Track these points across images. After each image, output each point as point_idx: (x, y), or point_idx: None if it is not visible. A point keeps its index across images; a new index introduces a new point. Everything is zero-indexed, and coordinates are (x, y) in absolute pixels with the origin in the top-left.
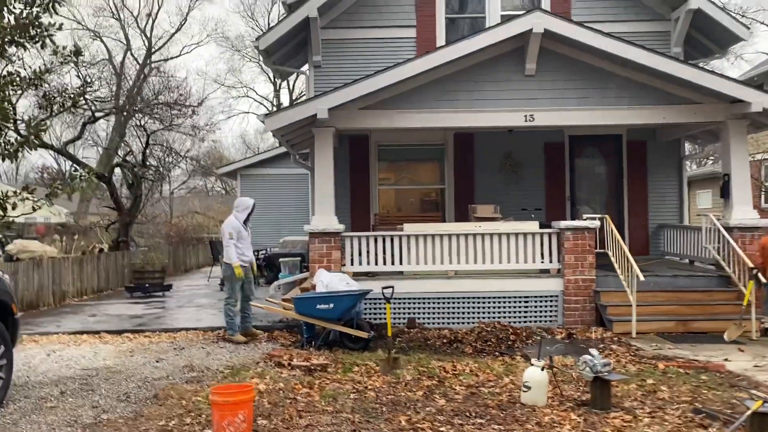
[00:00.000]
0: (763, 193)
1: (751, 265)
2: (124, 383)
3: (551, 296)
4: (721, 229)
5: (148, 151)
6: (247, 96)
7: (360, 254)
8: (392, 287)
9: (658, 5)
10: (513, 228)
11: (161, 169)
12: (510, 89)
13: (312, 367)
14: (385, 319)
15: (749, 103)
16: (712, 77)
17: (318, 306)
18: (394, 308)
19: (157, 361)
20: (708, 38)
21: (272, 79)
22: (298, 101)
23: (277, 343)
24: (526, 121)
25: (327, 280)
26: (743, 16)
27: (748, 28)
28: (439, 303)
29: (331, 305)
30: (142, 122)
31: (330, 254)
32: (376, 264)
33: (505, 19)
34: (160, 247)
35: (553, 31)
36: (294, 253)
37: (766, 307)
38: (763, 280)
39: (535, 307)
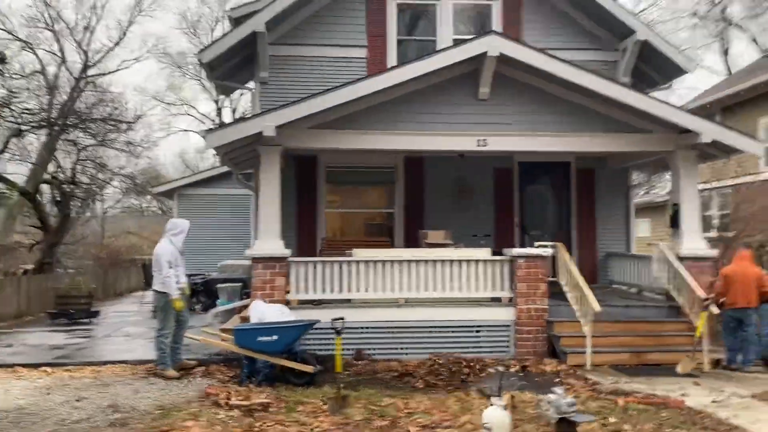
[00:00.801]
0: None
1: (703, 296)
2: (38, 427)
3: (503, 326)
4: (673, 259)
5: (78, 167)
6: (188, 114)
7: (306, 281)
8: (343, 318)
9: (607, 35)
10: (465, 255)
11: (93, 186)
12: (463, 113)
13: (252, 407)
14: (330, 350)
15: (699, 134)
16: (667, 107)
17: (260, 338)
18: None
19: (77, 400)
20: (654, 69)
21: (215, 96)
22: (244, 117)
23: (213, 378)
24: (478, 145)
25: (261, 312)
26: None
27: (693, 60)
28: (388, 333)
29: (275, 337)
30: (73, 137)
31: (273, 281)
32: (323, 291)
33: (458, 42)
34: (90, 269)
35: (509, 55)
36: (234, 278)
37: (723, 338)
38: (716, 311)
39: (487, 337)
